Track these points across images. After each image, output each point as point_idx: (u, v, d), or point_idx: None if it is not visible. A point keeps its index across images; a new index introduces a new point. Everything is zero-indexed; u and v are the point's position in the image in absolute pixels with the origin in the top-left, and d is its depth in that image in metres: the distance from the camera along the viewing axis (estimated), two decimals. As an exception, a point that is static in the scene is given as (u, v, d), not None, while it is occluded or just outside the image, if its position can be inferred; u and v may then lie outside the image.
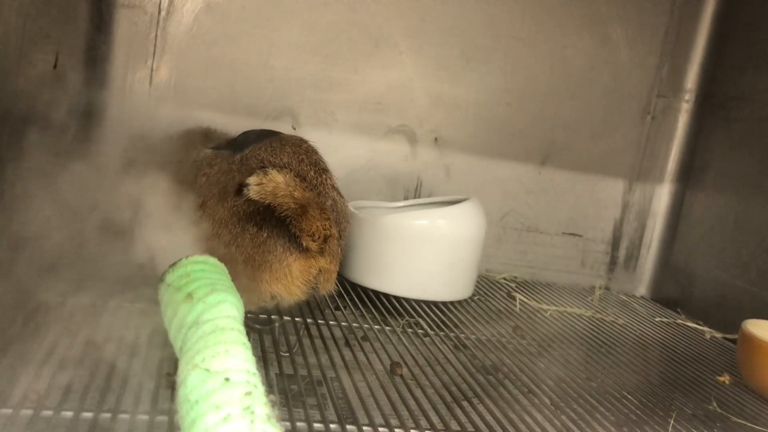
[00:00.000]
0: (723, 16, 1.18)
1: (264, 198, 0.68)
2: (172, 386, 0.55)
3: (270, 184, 0.68)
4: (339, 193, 0.79)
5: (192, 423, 0.34)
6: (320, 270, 0.75)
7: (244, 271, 0.70)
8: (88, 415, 0.49)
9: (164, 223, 0.67)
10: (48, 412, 0.49)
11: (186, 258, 0.50)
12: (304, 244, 0.71)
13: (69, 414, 0.49)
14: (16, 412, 0.48)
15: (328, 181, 0.78)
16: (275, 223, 0.71)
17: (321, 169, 0.78)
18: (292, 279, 0.72)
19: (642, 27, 1.17)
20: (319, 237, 0.72)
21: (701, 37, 1.20)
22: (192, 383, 0.36)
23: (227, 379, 0.36)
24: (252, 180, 0.68)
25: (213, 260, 0.51)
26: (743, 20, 1.13)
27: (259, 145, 0.77)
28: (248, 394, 0.35)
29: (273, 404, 0.35)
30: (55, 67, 0.69)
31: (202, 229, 0.71)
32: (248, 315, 0.75)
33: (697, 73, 1.21)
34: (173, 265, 0.50)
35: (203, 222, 0.72)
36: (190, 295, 0.45)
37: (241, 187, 0.69)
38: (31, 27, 0.64)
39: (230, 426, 0.33)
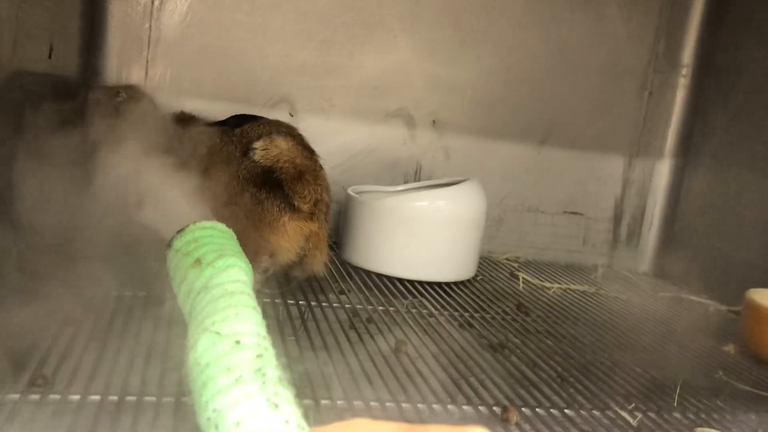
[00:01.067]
0: (718, -11, 1.18)
1: (267, 161, 0.76)
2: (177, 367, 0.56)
3: (274, 150, 0.77)
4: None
5: (203, 385, 0.34)
6: (311, 233, 0.80)
7: (245, 226, 0.75)
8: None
9: (168, 194, 0.67)
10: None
11: (194, 224, 0.49)
12: (296, 204, 0.77)
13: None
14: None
15: (318, 161, 0.83)
16: (272, 186, 0.76)
17: (311, 150, 0.83)
18: (287, 237, 0.77)
19: (637, 2, 1.17)
20: (311, 200, 0.78)
21: (696, 11, 1.19)
22: (202, 346, 0.36)
23: (238, 342, 0.35)
24: (258, 144, 0.77)
25: (221, 226, 0.50)
26: (738, -9, 1.13)
27: (256, 123, 0.81)
28: (259, 356, 0.35)
29: (283, 367, 0.35)
30: (49, 57, 0.69)
31: (205, 194, 0.72)
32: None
33: (694, 47, 1.20)
34: (181, 231, 0.49)
35: (205, 187, 0.74)
36: (198, 261, 0.45)
37: (247, 150, 0.77)
38: (24, 18, 0.64)
39: (242, 388, 0.33)
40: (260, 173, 0.77)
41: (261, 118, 0.84)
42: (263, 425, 0.32)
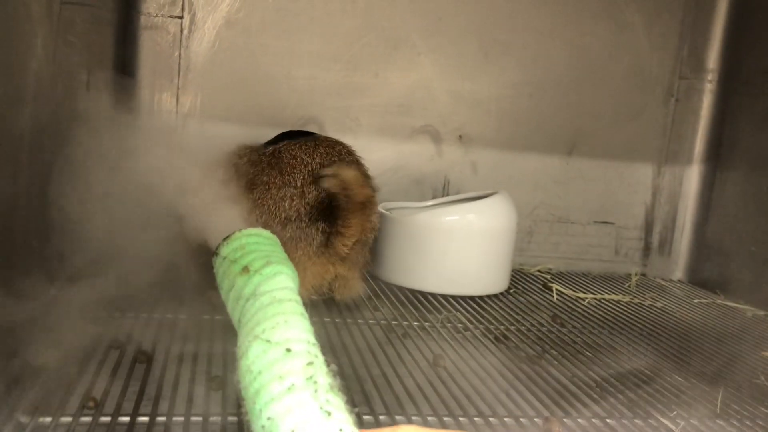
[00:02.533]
0: (741, -7, 1.17)
1: (335, 189, 0.74)
2: (219, 388, 0.57)
3: (343, 176, 0.75)
4: None
5: (256, 393, 0.34)
6: (336, 276, 0.79)
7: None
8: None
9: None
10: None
11: (240, 231, 0.50)
12: (336, 244, 0.75)
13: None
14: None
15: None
16: (300, 225, 0.75)
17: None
18: (303, 282, 0.73)
19: (659, 9, 1.17)
20: (352, 238, 0.76)
21: (720, 15, 1.19)
22: (254, 354, 0.36)
23: (288, 350, 0.36)
24: (328, 171, 0.75)
25: (266, 233, 0.51)
26: (762, -6, 1.13)
27: (293, 142, 0.80)
28: (310, 364, 0.35)
29: (334, 374, 0.36)
30: (87, 89, 0.71)
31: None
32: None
33: (719, 51, 1.20)
34: (227, 238, 0.50)
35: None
36: (246, 268, 0.45)
37: (317, 177, 0.76)
38: (61, 53, 0.66)
39: (294, 396, 0.33)
40: (285, 209, 0.76)
41: (305, 134, 0.85)
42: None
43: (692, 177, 1.23)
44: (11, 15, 0.50)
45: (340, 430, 0.32)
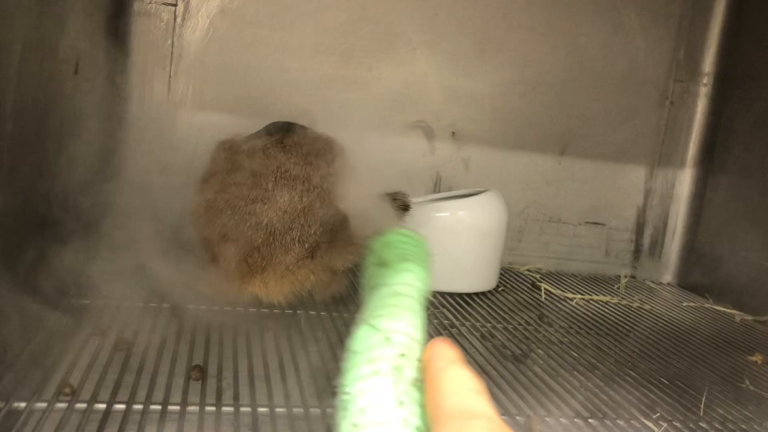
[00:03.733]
0: (738, -3, 1.17)
1: None
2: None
3: None
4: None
5: (348, 370, 0.36)
6: (317, 281, 0.75)
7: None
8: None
9: None
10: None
11: (393, 230, 0.54)
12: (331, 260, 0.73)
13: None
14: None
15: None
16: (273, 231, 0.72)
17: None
18: (280, 288, 0.73)
19: (656, 12, 1.17)
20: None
21: (717, 19, 1.19)
22: (358, 336, 0.38)
23: (388, 338, 0.37)
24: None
25: (416, 235, 0.54)
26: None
27: (271, 138, 0.77)
28: (402, 355, 0.36)
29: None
30: (75, 72, 0.70)
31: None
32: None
33: (714, 55, 1.20)
34: (380, 234, 0.54)
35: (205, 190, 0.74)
36: (383, 261, 0.49)
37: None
38: (49, 36, 0.65)
39: (378, 379, 0.35)
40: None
41: (294, 124, 0.82)
42: (382, 418, 0.33)
43: (684, 180, 1.23)
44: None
45: (404, 420, 0.33)
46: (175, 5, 0.97)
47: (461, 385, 0.33)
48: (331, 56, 1.05)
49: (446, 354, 0.35)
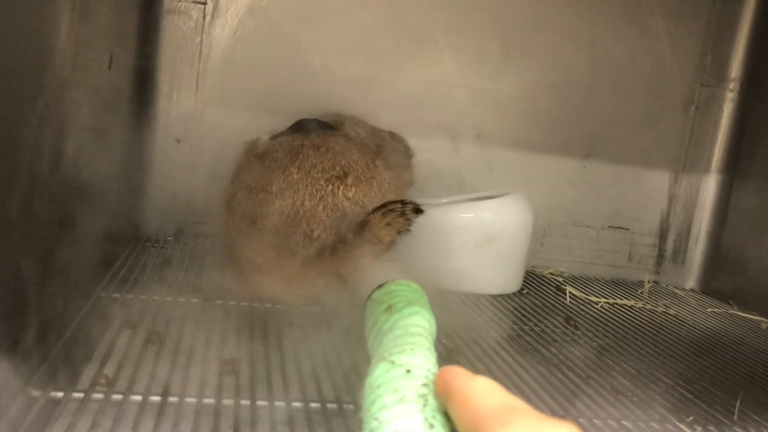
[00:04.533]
0: (767, 2, 1.16)
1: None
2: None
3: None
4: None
5: (372, 403, 0.38)
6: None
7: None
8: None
9: None
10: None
11: (392, 281, 0.57)
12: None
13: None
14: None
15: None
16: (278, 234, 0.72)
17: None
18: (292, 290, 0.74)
19: (683, 16, 1.16)
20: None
21: (745, 25, 1.18)
22: (377, 372, 0.40)
23: (408, 371, 0.40)
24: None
25: (415, 285, 0.57)
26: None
27: (284, 139, 0.78)
28: (425, 385, 0.38)
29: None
30: (109, 67, 0.70)
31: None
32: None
33: (742, 61, 1.19)
34: (380, 285, 0.57)
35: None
36: (390, 307, 0.51)
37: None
38: (82, 32, 0.65)
39: (404, 406, 0.37)
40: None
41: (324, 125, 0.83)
42: None
43: (709, 186, 1.22)
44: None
45: None
46: (204, 3, 0.98)
47: (491, 390, 0.34)
48: (358, 56, 1.05)
49: (464, 372, 0.36)
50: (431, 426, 0.36)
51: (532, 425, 0.31)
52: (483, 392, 0.34)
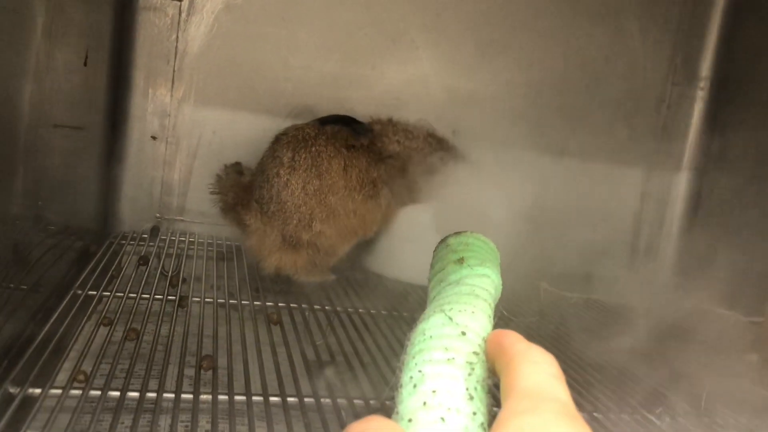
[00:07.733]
0: (736, 2, 1.19)
1: None
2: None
3: None
4: None
5: (419, 351, 0.36)
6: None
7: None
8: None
9: None
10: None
11: (471, 232, 0.54)
12: None
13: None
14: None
15: None
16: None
17: None
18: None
19: (655, 16, 1.18)
20: None
21: (714, 24, 1.20)
22: (433, 322, 0.38)
23: (463, 333, 0.38)
24: None
25: (492, 245, 0.54)
26: (756, 4, 1.14)
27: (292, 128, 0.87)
28: (476, 353, 0.37)
29: (492, 377, 0.37)
30: (85, 64, 0.70)
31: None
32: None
33: (712, 59, 1.21)
34: (458, 233, 0.54)
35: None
36: (462, 260, 0.48)
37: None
38: (57, 29, 0.65)
39: (451, 368, 0.35)
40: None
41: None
42: (453, 404, 0.33)
43: (681, 183, 1.24)
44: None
45: (474, 413, 0.33)
46: (180, 0, 0.98)
47: (541, 368, 0.33)
48: (334, 54, 1.05)
49: (522, 338, 0.35)
50: (470, 398, 0.34)
51: (560, 420, 0.30)
52: (532, 368, 0.33)
